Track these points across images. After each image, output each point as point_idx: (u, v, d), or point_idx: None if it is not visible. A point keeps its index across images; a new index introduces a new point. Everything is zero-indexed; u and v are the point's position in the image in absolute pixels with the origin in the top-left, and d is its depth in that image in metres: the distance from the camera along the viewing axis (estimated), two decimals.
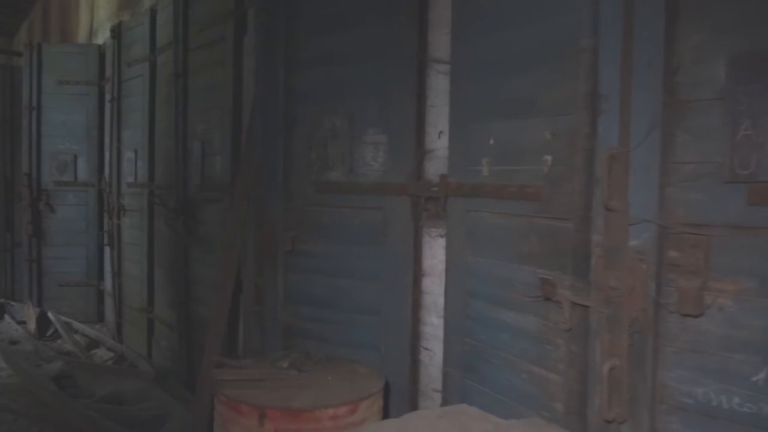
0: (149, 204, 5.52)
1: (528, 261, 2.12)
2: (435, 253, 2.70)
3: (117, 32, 6.02)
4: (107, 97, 6.54)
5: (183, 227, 4.68)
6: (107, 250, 6.41)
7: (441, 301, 2.67)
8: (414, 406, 2.75)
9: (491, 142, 2.29)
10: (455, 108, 2.49)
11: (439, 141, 2.68)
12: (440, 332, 2.67)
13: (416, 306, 2.76)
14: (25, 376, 4.21)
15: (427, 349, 2.75)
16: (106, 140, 6.62)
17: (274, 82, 3.09)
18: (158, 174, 5.42)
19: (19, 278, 7.54)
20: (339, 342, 2.91)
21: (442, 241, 2.66)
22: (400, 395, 2.71)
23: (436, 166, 2.69)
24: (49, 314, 5.94)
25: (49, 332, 6.03)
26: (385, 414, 2.53)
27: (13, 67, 8.11)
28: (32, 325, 5.81)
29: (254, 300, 3.09)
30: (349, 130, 2.85)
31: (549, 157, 2.03)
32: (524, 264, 2.13)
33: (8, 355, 4.69)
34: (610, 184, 1.72)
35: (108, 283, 6.45)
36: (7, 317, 6.36)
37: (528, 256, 2.12)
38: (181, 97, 4.76)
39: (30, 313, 5.92)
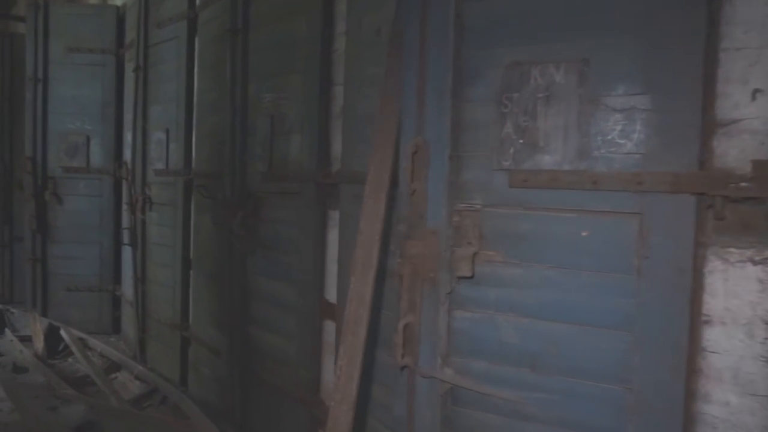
0: (185, 196, 4.52)
1: None
2: (736, 289, 1.66)
3: None
4: (129, 66, 5.48)
5: (241, 227, 3.64)
6: (127, 250, 5.39)
7: (746, 367, 1.64)
8: None
9: None
10: None
11: (750, 106, 1.63)
12: (745, 419, 1.64)
13: (692, 372, 1.72)
14: (38, 425, 3.15)
15: None
16: (128, 118, 5.58)
17: (437, 12, 2.01)
18: (200, 159, 4.38)
19: (19, 279, 6.56)
20: (547, 421, 1.87)
21: (753, 271, 1.63)
22: None
23: (741, 147, 1.65)
24: (62, 332, 4.88)
25: (60, 347, 5.00)
26: None
27: (12, 35, 7.07)
28: (39, 344, 4.74)
29: (401, 348, 2.02)
30: (578, 87, 1.78)
31: None
32: None
33: (14, 391, 3.63)
34: None
35: (128, 289, 5.42)
36: (7, 331, 5.26)
37: None
38: (239, 60, 3.70)
39: (36, 328, 4.85)
